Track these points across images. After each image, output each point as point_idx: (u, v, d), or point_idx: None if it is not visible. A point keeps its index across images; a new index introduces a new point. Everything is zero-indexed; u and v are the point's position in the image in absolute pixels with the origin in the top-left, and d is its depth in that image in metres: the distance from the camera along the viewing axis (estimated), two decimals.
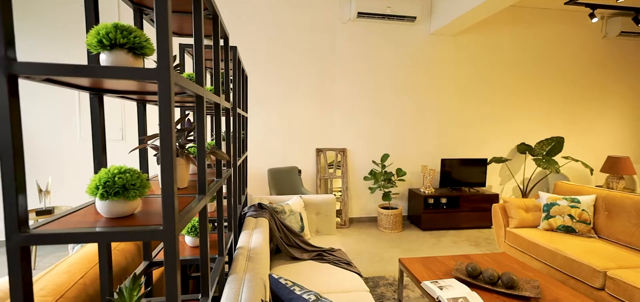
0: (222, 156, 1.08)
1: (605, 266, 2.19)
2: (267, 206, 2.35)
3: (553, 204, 2.91)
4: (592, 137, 4.92)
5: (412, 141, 4.47)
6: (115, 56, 0.69)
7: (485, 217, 4.22)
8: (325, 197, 2.80)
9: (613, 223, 2.67)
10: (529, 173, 4.79)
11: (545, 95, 4.70)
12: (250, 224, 2.03)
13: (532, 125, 4.73)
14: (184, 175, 1.03)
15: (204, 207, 0.95)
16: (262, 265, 1.46)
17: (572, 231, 2.79)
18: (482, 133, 4.62)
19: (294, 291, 1.17)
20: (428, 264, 2.27)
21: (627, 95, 4.94)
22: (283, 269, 2.09)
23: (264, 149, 4.19)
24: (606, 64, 4.81)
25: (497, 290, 1.88)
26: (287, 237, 2.31)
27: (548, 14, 4.54)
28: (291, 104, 4.19)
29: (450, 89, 4.46)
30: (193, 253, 1.38)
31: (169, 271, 0.64)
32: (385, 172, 4.10)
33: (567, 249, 2.47)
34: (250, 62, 4.04)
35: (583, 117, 4.85)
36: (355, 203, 4.43)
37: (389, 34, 4.26)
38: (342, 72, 4.23)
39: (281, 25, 4.05)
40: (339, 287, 1.89)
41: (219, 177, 1.24)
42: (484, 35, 4.44)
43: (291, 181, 3.96)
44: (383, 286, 2.70)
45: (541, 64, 4.63)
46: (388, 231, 4.07)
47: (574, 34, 4.66)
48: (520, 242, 2.86)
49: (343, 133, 4.33)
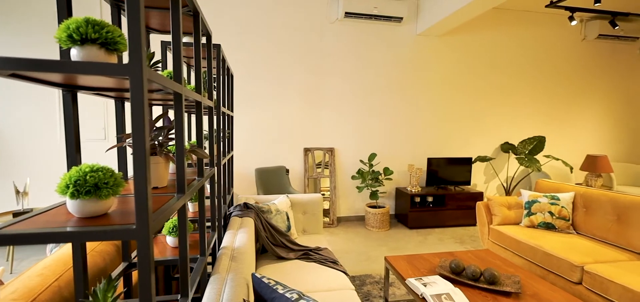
0: (202, 154, 1.06)
1: (583, 261, 2.26)
2: (253, 205, 2.34)
3: (534, 201, 2.98)
4: (572, 137, 5.07)
5: (399, 140, 4.52)
6: (87, 52, 0.67)
7: (470, 215, 4.30)
8: (312, 197, 2.80)
9: (590, 219, 2.76)
10: (512, 172, 4.90)
11: (527, 96, 4.82)
12: (235, 223, 2.01)
13: (515, 125, 4.84)
14: (163, 174, 1.01)
15: (183, 207, 0.94)
16: (245, 265, 1.45)
17: (552, 227, 2.87)
18: (468, 132, 4.70)
19: (276, 289, 1.17)
20: (413, 261, 2.30)
21: (605, 97, 5.11)
22: (269, 269, 2.08)
23: (251, 149, 4.16)
24: (585, 66, 4.96)
25: (480, 286, 1.92)
26: (273, 236, 2.30)
27: (530, 16, 4.66)
28: (279, 104, 4.17)
29: (436, 89, 4.53)
30: (175, 254, 1.36)
31: (142, 271, 0.62)
32: (372, 171, 4.13)
33: (547, 245, 2.54)
34: (237, 61, 4.00)
35: (563, 117, 4.99)
36: (343, 202, 4.45)
37: (377, 34, 4.29)
38: (330, 72, 4.24)
39: (268, 24, 4.03)
40: (325, 286, 1.89)
41: (201, 176, 1.22)
42: (468, 37, 4.52)
43: (279, 180, 3.95)
44: (370, 284, 2.72)
45: (523, 65, 4.75)
46: (375, 229, 4.10)
47: (555, 37, 4.79)
48: (503, 239, 2.92)
49: (331, 132, 4.34)
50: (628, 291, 1.92)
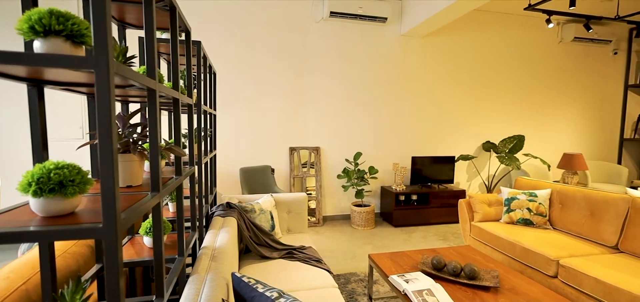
0: (179, 152, 1.04)
1: (558, 255, 2.34)
2: (236, 205, 2.31)
3: (513, 198, 3.07)
4: (550, 136, 5.24)
5: (384, 140, 4.56)
6: (51, 44, 0.65)
7: (454, 213, 4.38)
8: (296, 195, 2.79)
9: (566, 215, 2.86)
10: (494, 170, 5.03)
11: (508, 96, 4.95)
12: (217, 223, 1.98)
13: (496, 124, 4.96)
14: (138, 172, 0.99)
15: (157, 206, 0.92)
16: (226, 264, 1.43)
17: (530, 223, 2.96)
18: (451, 132, 4.79)
19: (256, 288, 1.15)
20: (396, 258, 2.32)
21: (580, 97, 5.31)
22: (252, 269, 2.06)
23: (236, 148, 4.12)
24: (562, 68, 5.14)
25: (460, 281, 1.96)
26: (257, 236, 2.28)
27: (509, 18, 4.79)
28: (264, 103, 4.14)
29: (420, 89, 4.60)
30: (152, 254, 1.33)
31: (109, 271, 0.60)
32: (358, 170, 4.16)
33: (525, 240, 2.61)
34: (222, 60, 3.95)
35: (541, 116, 5.15)
36: (329, 201, 4.46)
37: (362, 34, 4.32)
38: (315, 71, 4.24)
39: (253, 23, 3.99)
40: (308, 284, 1.89)
41: (179, 175, 1.20)
42: (451, 38, 4.61)
43: (264, 180, 3.92)
44: (354, 282, 2.73)
45: (504, 66, 4.87)
46: (361, 228, 4.13)
47: (533, 39, 4.94)
48: (484, 235, 2.99)
49: (317, 132, 4.34)
50: (600, 283, 2.00)
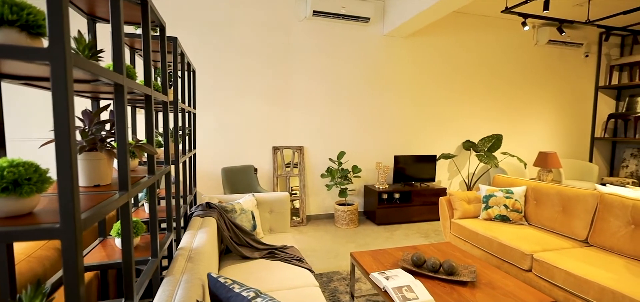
0: (151, 150, 1.01)
1: (532, 250, 2.42)
2: (216, 205, 2.27)
3: (491, 195, 3.15)
4: (526, 135, 5.43)
5: (367, 139, 4.59)
6: (5, 35, 0.61)
7: (435, 211, 4.47)
8: (278, 195, 2.77)
9: (540, 211, 2.96)
10: (473, 168, 5.16)
11: (487, 96, 5.09)
12: (196, 224, 1.94)
13: (475, 123, 5.09)
14: (106, 171, 0.95)
15: (126, 205, 0.88)
16: (203, 265, 1.40)
17: (506, 219, 3.05)
18: (432, 131, 4.88)
19: (232, 289, 1.14)
20: (377, 256, 2.34)
21: (555, 98, 5.52)
22: (232, 269, 2.03)
23: (218, 147, 4.05)
24: (537, 69, 5.33)
25: (439, 277, 1.99)
26: (237, 236, 2.25)
27: (488, 21, 4.92)
28: (247, 102, 4.09)
29: (402, 89, 4.66)
30: None
31: (67, 274, 0.58)
32: (341, 169, 4.17)
33: (502, 236, 2.69)
34: (203, 58, 3.88)
35: (518, 116, 5.33)
36: (313, 201, 4.45)
37: (345, 34, 4.33)
38: (299, 70, 4.22)
39: (236, 21, 3.94)
40: (289, 283, 1.88)
41: (152, 174, 1.16)
42: (432, 39, 4.70)
43: (247, 179, 3.87)
44: (337, 280, 2.74)
45: (483, 66, 5.01)
46: (344, 227, 4.14)
47: (511, 41, 5.10)
48: (463, 232, 3.06)
49: (300, 131, 4.32)
50: (570, 276, 2.08)
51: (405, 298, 1.74)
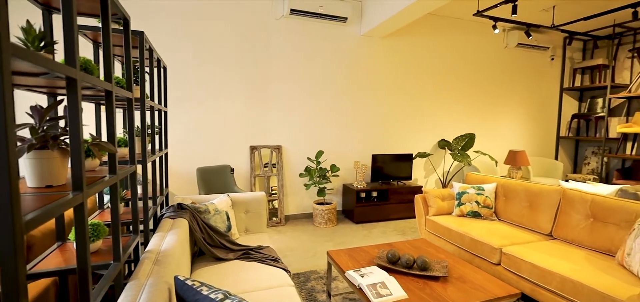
0: (109, 149, 0.96)
1: (501, 244, 2.52)
2: (188, 205, 2.21)
3: (464, 192, 3.25)
4: (498, 134, 5.65)
5: (346, 138, 4.62)
6: None
7: (412, 208, 4.56)
8: (254, 195, 2.73)
9: (509, 206, 3.09)
10: (448, 166, 5.31)
11: (460, 96, 5.25)
12: (166, 225, 1.87)
13: (450, 123, 5.24)
14: (59, 170, 0.89)
15: (81, 206, 0.83)
16: (171, 268, 1.35)
17: (478, 215, 3.16)
18: (409, 130, 4.98)
19: (200, 291, 1.10)
20: (354, 254, 2.36)
21: (523, 98, 5.77)
22: (205, 271, 1.98)
23: (194, 147, 3.94)
24: (507, 71, 5.56)
25: (413, 273, 2.03)
26: (211, 237, 2.19)
27: (461, 23, 5.08)
28: (223, 100, 4.01)
29: (380, 89, 4.72)
30: (92, 260, 1.22)
31: (6, 285, 0.53)
32: (320, 168, 4.17)
33: (473, 231, 2.78)
34: (177, 55, 3.76)
35: (491, 115, 5.53)
36: (292, 200, 4.43)
37: (323, 33, 4.34)
38: (276, 69, 4.18)
39: (210, 18, 3.85)
40: (263, 284, 1.85)
41: (113, 173, 1.11)
42: (409, 40, 4.79)
43: (223, 180, 3.79)
44: (314, 279, 2.73)
45: (457, 68, 5.16)
46: (323, 226, 4.15)
47: (482, 43, 5.29)
48: (437, 228, 3.14)
49: (278, 130, 4.28)
50: (535, 268, 2.18)
51: (379, 295, 1.76)
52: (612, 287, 1.80)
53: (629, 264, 1.97)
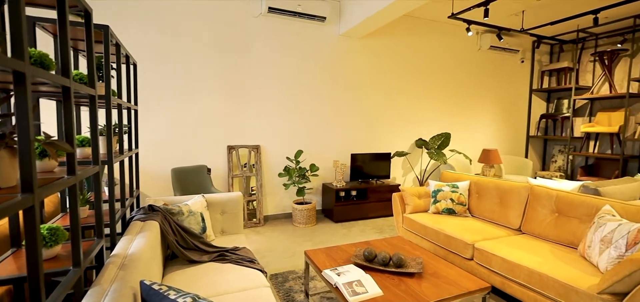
0: (64, 147, 0.90)
1: (474, 239, 2.60)
2: (160, 207, 2.13)
3: (439, 190, 3.33)
4: (472, 133, 5.84)
5: (325, 137, 4.63)
6: None
7: (390, 206, 4.63)
8: (231, 195, 2.68)
9: (481, 203, 3.19)
10: (425, 165, 5.43)
11: (437, 96, 5.38)
12: (135, 228, 1.80)
13: (427, 122, 5.37)
14: (7, 171, 0.83)
15: (31, 209, 0.78)
16: (138, 273, 1.29)
17: (453, 212, 3.25)
18: (387, 129, 5.05)
19: (167, 296, 1.06)
20: (331, 253, 2.36)
21: (496, 99, 6.00)
22: (178, 275, 1.91)
23: (168, 147, 3.82)
24: (481, 72, 5.75)
25: (389, 270, 2.06)
26: (184, 239, 2.13)
27: (437, 25, 5.21)
28: (199, 99, 3.91)
29: (359, 89, 4.76)
30: (48, 266, 1.15)
31: None
32: (299, 168, 4.15)
33: (448, 228, 2.85)
34: (150, 53, 3.62)
35: (465, 115, 5.71)
36: (271, 200, 4.38)
37: (301, 32, 4.32)
38: (254, 68, 4.13)
39: (186, 14, 3.74)
40: (238, 286, 1.82)
41: (72, 174, 1.04)
42: (386, 41, 4.86)
43: (199, 180, 3.70)
44: (292, 279, 2.71)
45: (433, 68, 5.29)
46: (302, 225, 4.13)
47: (457, 45, 5.45)
48: (414, 226, 3.20)
49: (256, 130, 4.23)
50: (505, 262, 2.26)
51: (355, 293, 1.77)
52: (574, 278, 1.90)
53: (589, 256, 2.08)
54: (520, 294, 2.17)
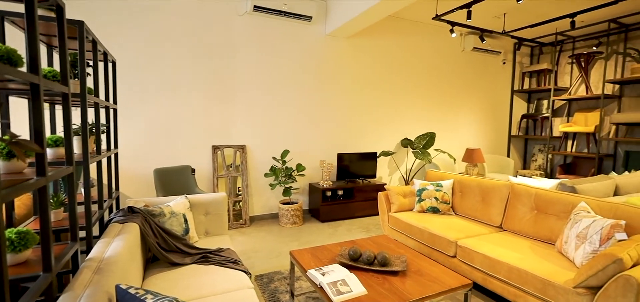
0: (32, 147, 0.87)
1: (457, 237, 2.65)
2: (140, 209, 2.08)
3: (424, 189, 3.38)
4: (456, 132, 5.94)
5: (311, 137, 4.62)
6: None
7: (376, 205, 4.66)
8: (215, 196, 2.64)
9: (464, 201, 3.25)
10: (410, 164, 5.50)
11: (422, 97, 5.45)
12: (114, 230, 1.75)
13: (412, 122, 5.43)
14: None
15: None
16: (114, 276, 1.26)
17: (437, 210, 3.29)
18: (374, 129, 5.09)
19: (144, 300, 1.03)
20: (317, 253, 2.36)
21: (479, 100, 6.13)
22: (159, 278, 1.87)
23: (151, 147, 3.73)
24: (464, 73, 5.87)
25: (373, 269, 2.07)
26: (166, 241, 2.08)
27: (422, 26, 5.28)
28: (184, 99, 3.83)
29: (345, 88, 4.77)
30: (17, 272, 1.10)
31: None
32: (285, 168, 4.13)
33: (432, 226, 2.89)
34: (132, 51, 3.53)
35: (449, 115, 5.81)
36: (257, 201, 4.34)
37: (287, 32, 4.29)
38: (240, 67, 4.08)
39: (169, 12, 3.66)
40: (221, 288, 1.79)
41: (41, 175, 1.00)
42: (373, 41, 4.89)
43: (183, 181, 3.63)
44: (277, 280, 2.70)
45: (418, 69, 5.36)
46: (289, 226, 4.11)
47: (441, 46, 5.54)
48: (399, 224, 3.23)
49: (242, 130, 4.18)
50: (486, 258, 2.31)
51: (340, 292, 1.77)
52: (551, 273, 1.95)
53: (565, 251, 2.15)
54: (500, 289, 2.22)
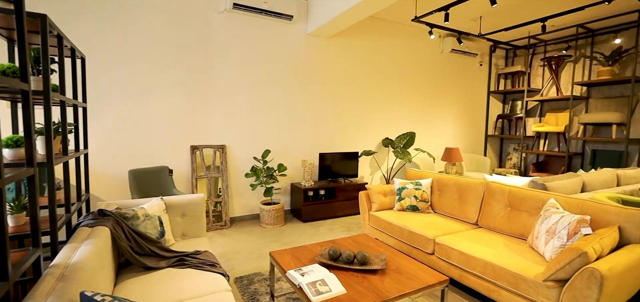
0: None
1: (435, 234, 2.70)
2: (112, 211, 1.99)
3: (403, 188, 3.43)
4: (435, 132, 6.08)
5: (293, 137, 4.59)
6: None
7: (358, 205, 4.69)
8: (192, 197, 2.57)
9: (442, 200, 3.32)
10: (391, 163, 5.57)
11: (402, 97, 5.54)
12: (82, 235, 1.66)
13: (393, 122, 5.51)
14: None
15: None
16: (80, 284, 1.19)
17: (416, 209, 3.35)
18: (355, 129, 5.12)
19: None
20: (297, 253, 2.34)
21: (458, 100, 6.29)
22: (132, 283, 1.80)
23: (126, 147, 3.59)
24: (443, 74, 6.00)
25: (353, 268, 2.07)
26: (139, 245, 2.01)
27: (402, 28, 5.36)
28: (160, 97, 3.71)
29: (327, 88, 4.78)
30: None
31: None
32: (267, 168, 4.09)
33: (411, 224, 2.94)
34: (106, 47, 3.38)
35: (429, 115, 5.93)
36: (237, 201, 4.27)
37: (268, 31, 4.25)
38: (219, 65, 4.00)
39: (144, 7, 3.54)
40: (197, 291, 1.74)
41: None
42: (354, 41, 4.92)
43: (160, 182, 3.52)
44: (258, 282, 2.66)
45: (398, 70, 5.44)
46: (270, 226, 4.07)
47: (421, 47, 5.64)
48: (380, 223, 3.26)
49: (222, 129, 4.10)
50: (463, 255, 2.37)
51: (319, 292, 1.76)
52: (523, 267, 2.02)
53: (536, 246, 2.24)
54: (476, 285, 2.28)
